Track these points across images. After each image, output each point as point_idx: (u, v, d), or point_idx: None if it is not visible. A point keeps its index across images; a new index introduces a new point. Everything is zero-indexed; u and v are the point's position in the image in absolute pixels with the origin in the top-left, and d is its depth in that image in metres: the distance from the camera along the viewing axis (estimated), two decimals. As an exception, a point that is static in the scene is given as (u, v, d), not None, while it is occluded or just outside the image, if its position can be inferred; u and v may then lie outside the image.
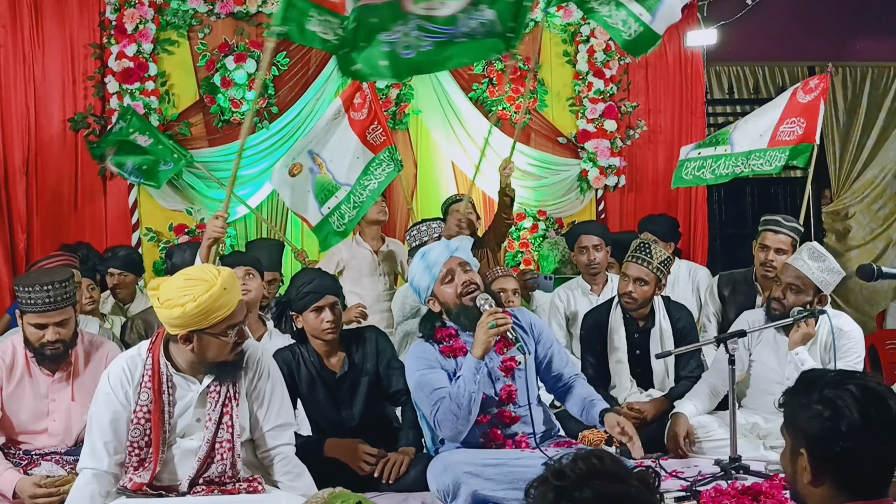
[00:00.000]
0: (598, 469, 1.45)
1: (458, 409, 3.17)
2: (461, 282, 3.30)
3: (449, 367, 3.33)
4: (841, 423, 1.74)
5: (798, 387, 1.86)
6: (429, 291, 3.37)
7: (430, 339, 3.39)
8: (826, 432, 1.76)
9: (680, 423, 3.89)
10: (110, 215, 6.14)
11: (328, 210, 5.07)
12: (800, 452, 1.80)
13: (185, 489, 2.90)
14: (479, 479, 3.08)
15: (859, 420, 1.74)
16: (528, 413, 3.32)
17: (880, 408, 1.76)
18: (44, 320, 3.30)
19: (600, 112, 6.77)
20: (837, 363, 3.82)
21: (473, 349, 3.20)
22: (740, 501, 3.13)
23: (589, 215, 6.90)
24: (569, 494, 1.42)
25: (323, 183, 5.09)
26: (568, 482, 1.43)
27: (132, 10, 5.97)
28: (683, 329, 4.33)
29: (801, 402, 1.82)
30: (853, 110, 7.90)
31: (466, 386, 3.16)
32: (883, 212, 8.01)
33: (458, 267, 3.33)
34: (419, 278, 3.38)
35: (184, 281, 2.80)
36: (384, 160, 5.03)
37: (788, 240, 4.56)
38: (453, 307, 3.33)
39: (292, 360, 3.65)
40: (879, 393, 1.78)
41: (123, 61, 5.96)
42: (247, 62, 6.08)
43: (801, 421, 1.81)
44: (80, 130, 6.03)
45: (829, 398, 1.77)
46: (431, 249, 3.40)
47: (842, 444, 1.74)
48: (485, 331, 3.15)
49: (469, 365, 3.19)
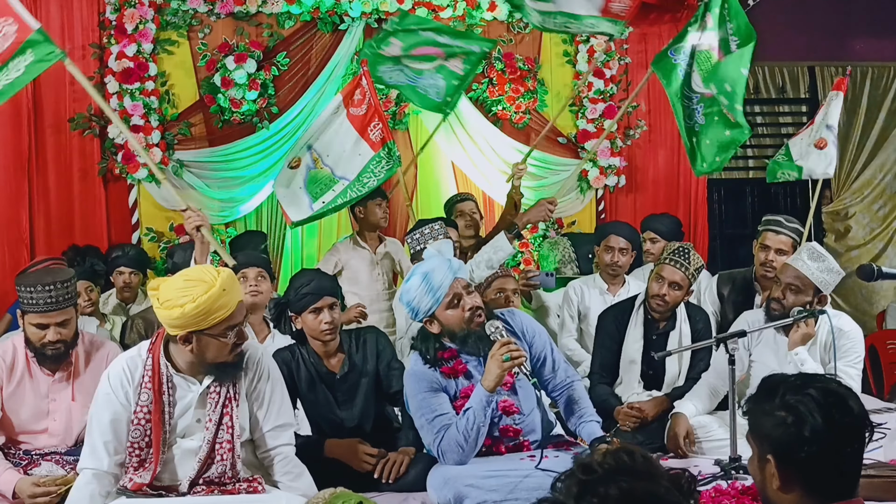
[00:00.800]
0: (626, 465, 1.40)
1: (466, 441, 3.13)
2: (468, 307, 3.23)
3: (450, 389, 3.28)
4: (804, 428, 1.74)
5: (759, 393, 1.85)
6: (429, 313, 3.28)
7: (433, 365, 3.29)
8: (791, 438, 1.76)
9: (680, 423, 3.88)
10: (110, 215, 6.14)
11: (322, 205, 5.03)
12: (767, 459, 1.80)
13: (185, 489, 2.90)
14: (482, 491, 3.04)
15: (822, 424, 1.74)
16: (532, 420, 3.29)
17: (842, 410, 1.76)
18: (45, 320, 3.31)
19: (600, 112, 6.77)
20: (837, 363, 3.82)
21: (484, 381, 3.13)
22: (740, 501, 3.13)
23: (589, 215, 6.90)
24: (593, 489, 1.37)
25: (319, 177, 5.05)
26: (594, 477, 1.39)
27: (132, 10, 5.96)
28: (701, 332, 4.29)
29: (764, 409, 1.81)
30: (853, 110, 7.89)
31: (476, 419, 3.11)
32: (883, 211, 8.01)
33: (463, 290, 3.25)
34: (420, 300, 3.26)
35: (183, 282, 2.80)
36: (383, 157, 5.02)
37: (789, 241, 4.56)
38: (458, 331, 3.26)
39: (292, 361, 3.64)
40: (840, 395, 1.78)
41: (123, 61, 5.96)
42: (247, 62, 6.08)
43: (765, 428, 1.81)
44: (79, 130, 6.03)
45: (791, 404, 1.77)
46: (435, 272, 3.25)
47: (807, 448, 1.74)
48: (498, 364, 3.08)
49: (479, 398, 3.12)
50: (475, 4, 6.49)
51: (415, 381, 3.29)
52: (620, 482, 1.37)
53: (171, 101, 6.17)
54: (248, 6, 6.17)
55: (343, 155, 5.04)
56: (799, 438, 1.74)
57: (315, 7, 6.24)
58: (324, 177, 5.03)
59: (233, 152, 6.16)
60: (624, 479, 1.38)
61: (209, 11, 6.15)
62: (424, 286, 3.24)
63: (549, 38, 6.74)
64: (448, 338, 3.30)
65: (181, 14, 6.11)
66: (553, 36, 6.74)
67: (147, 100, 6.01)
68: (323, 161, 5.02)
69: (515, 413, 3.30)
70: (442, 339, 3.32)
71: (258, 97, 6.15)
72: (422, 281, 3.25)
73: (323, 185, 5.03)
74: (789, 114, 8.02)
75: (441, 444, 3.17)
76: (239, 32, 6.20)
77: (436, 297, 3.23)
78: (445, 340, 3.31)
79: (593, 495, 1.37)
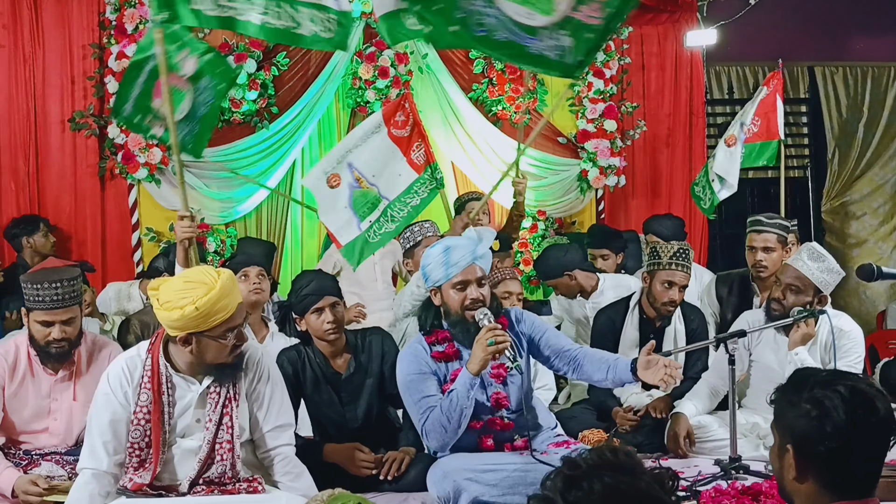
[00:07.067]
0: (609, 461, 1.45)
1: (448, 422, 3.16)
2: (470, 297, 3.26)
3: (440, 372, 3.32)
4: (827, 423, 1.76)
5: (789, 384, 1.87)
6: (437, 284, 3.32)
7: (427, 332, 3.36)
8: (812, 431, 1.77)
9: (680, 423, 3.89)
10: (110, 215, 6.14)
11: (369, 224, 4.94)
12: (786, 449, 1.82)
13: (185, 489, 2.90)
14: (480, 485, 3.08)
15: (845, 421, 1.75)
16: (522, 418, 3.30)
17: (868, 410, 1.77)
18: (51, 318, 3.32)
19: (600, 112, 6.76)
20: (837, 363, 3.82)
21: (469, 364, 3.17)
22: (740, 501, 3.14)
23: (589, 215, 6.90)
24: (578, 484, 1.43)
25: (365, 196, 4.95)
26: (579, 472, 1.44)
27: (132, 10, 5.96)
28: (696, 330, 4.31)
29: (791, 399, 1.83)
30: (855, 110, 7.90)
31: (459, 401, 3.14)
32: (883, 209, 8.01)
33: (474, 280, 3.27)
34: (433, 268, 3.31)
35: (183, 283, 2.80)
36: (427, 179, 4.99)
37: (774, 237, 4.55)
38: (453, 314, 3.31)
39: (298, 361, 3.66)
40: (868, 395, 1.79)
41: (123, 61, 5.94)
42: (247, 62, 6.08)
43: (788, 418, 1.82)
44: (79, 130, 6.03)
45: (818, 398, 1.78)
46: (456, 249, 3.28)
47: (827, 443, 1.75)
48: (483, 348, 3.12)
49: (464, 380, 3.16)
50: (475, 4, 6.48)
51: (406, 362, 3.34)
52: (604, 477, 1.42)
53: (171, 100, 6.15)
54: (248, 6, 6.16)
55: (384, 174, 4.98)
56: (820, 432, 1.76)
57: (315, 7, 6.23)
58: (370, 196, 4.95)
59: (233, 152, 6.16)
60: (607, 475, 1.43)
61: (209, 11, 6.15)
62: (442, 258, 3.28)
63: (549, 38, 6.73)
64: (444, 316, 3.35)
65: (181, 14, 6.10)
66: (553, 36, 6.72)
67: (147, 100, 6.00)
68: (368, 181, 4.94)
69: (505, 406, 3.33)
70: (440, 317, 3.37)
71: (258, 97, 6.15)
72: (442, 252, 3.29)
73: (370, 203, 4.94)
74: (789, 114, 8.02)
75: (426, 424, 3.22)
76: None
77: (446, 273, 3.27)
78: (443, 319, 3.36)
79: (578, 489, 1.42)
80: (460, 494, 3.09)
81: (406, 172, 4.92)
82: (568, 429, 3.71)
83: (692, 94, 7.13)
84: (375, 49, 6.34)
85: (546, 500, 1.46)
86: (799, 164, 8.10)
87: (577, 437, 3.85)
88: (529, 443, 3.27)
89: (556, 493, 1.44)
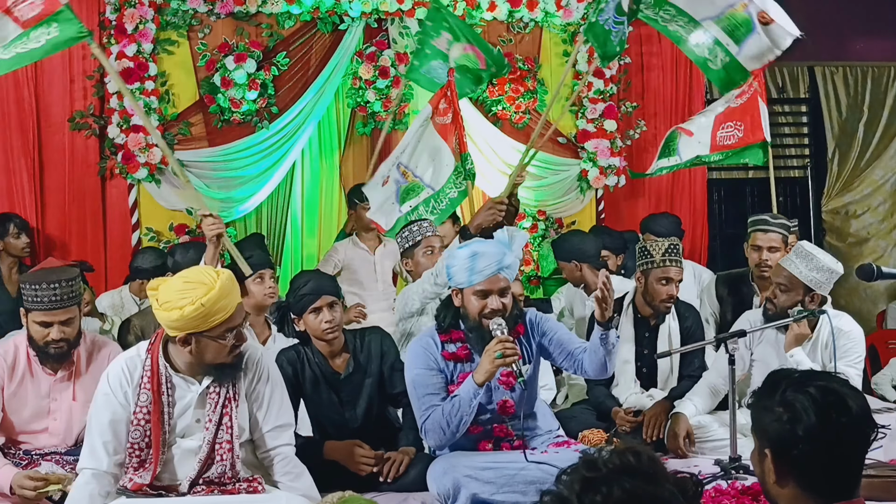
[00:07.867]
0: (631, 466, 1.38)
1: (448, 426, 3.17)
2: (489, 307, 3.23)
3: (447, 371, 3.32)
4: (798, 426, 1.74)
5: (763, 387, 1.85)
6: (458, 286, 3.30)
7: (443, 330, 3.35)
8: (785, 435, 1.75)
9: (680, 422, 3.89)
10: (110, 215, 6.14)
11: (409, 208, 4.96)
12: (765, 454, 1.80)
13: (185, 489, 2.91)
14: (479, 483, 3.10)
15: (816, 423, 1.73)
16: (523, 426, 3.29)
17: (839, 410, 1.74)
18: (49, 318, 3.32)
19: (600, 112, 6.76)
20: (837, 363, 3.82)
21: (476, 374, 3.16)
22: (740, 501, 3.14)
23: (589, 215, 6.89)
24: (596, 488, 1.36)
25: (410, 188, 5.00)
26: (598, 475, 1.38)
27: (132, 10, 5.96)
28: (691, 328, 4.31)
29: (765, 404, 1.81)
30: (855, 109, 7.89)
31: (461, 408, 3.15)
32: (883, 208, 8.01)
33: (496, 291, 3.24)
34: (458, 271, 3.27)
35: (182, 283, 2.80)
36: (461, 170, 5.00)
37: (779, 237, 4.56)
38: (471, 319, 3.29)
39: (297, 360, 3.66)
40: (840, 394, 1.76)
41: (123, 61, 5.95)
42: (247, 62, 6.07)
43: (763, 423, 1.80)
44: (79, 130, 6.02)
45: (789, 400, 1.76)
46: (483, 256, 3.22)
47: (801, 446, 1.73)
48: (491, 360, 3.10)
49: (468, 389, 3.16)
50: (475, 4, 6.48)
51: (415, 355, 3.34)
52: (624, 483, 1.36)
53: (171, 100, 6.16)
54: (247, 6, 6.17)
55: (432, 166, 5.00)
56: (793, 436, 1.74)
57: (315, 7, 6.23)
58: (415, 186, 4.98)
59: (232, 152, 6.16)
60: (627, 480, 1.36)
61: (209, 11, 6.15)
62: (468, 263, 3.24)
63: (549, 37, 6.74)
64: (462, 319, 3.34)
65: (181, 14, 6.11)
66: (553, 36, 6.74)
67: (147, 100, 6.00)
68: (414, 174, 4.97)
69: (510, 414, 3.32)
70: (458, 317, 3.35)
71: (258, 97, 6.15)
72: (468, 256, 3.25)
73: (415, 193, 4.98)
74: (789, 114, 8.02)
75: (426, 422, 3.22)
76: (239, 32, 6.20)
77: (469, 279, 3.24)
78: (461, 321, 3.34)
79: (596, 493, 1.36)
80: (459, 491, 3.11)
81: (450, 161, 4.96)
82: (568, 429, 3.72)
83: (692, 94, 7.12)
84: (375, 49, 6.34)
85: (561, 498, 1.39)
86: (799, 163, 8.10)
87: (577, 437, 3.85)
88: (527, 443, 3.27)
89: (572, 493, 1.38)
